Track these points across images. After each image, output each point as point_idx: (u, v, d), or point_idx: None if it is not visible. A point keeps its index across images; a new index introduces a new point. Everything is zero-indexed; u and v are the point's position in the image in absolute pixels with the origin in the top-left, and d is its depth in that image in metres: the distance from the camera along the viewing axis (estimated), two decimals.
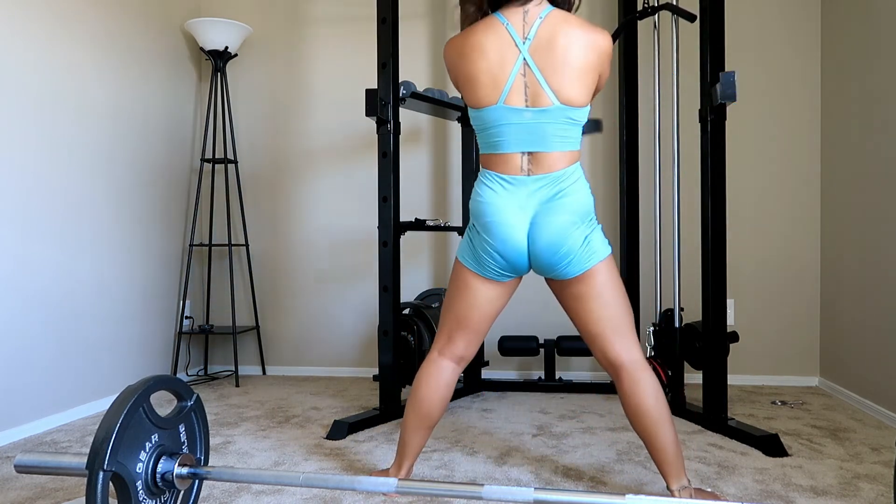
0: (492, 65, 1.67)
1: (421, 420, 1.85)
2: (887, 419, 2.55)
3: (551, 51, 1.64)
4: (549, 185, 1.67)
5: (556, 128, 1.67)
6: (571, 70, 1.64)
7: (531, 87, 1.66)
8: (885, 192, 2.60)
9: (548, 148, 1.68)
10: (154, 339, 3.31)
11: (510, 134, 1.68)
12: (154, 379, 1.45)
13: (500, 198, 1.70)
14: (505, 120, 1.68)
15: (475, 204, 1.75)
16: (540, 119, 1.66)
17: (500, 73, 1.66)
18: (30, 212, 2.54)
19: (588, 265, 1.69)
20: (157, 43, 3.34)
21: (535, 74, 1.65)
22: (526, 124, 1.67)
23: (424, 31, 3.57)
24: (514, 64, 1.66)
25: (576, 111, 1.67)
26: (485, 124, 1.72)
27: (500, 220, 1.70)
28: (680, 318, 2.78)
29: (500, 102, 1.67)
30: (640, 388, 1.69)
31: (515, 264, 1.74)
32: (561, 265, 1.69)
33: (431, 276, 3.57)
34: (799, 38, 3.27)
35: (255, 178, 3.72)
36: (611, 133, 3.39)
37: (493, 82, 1.67)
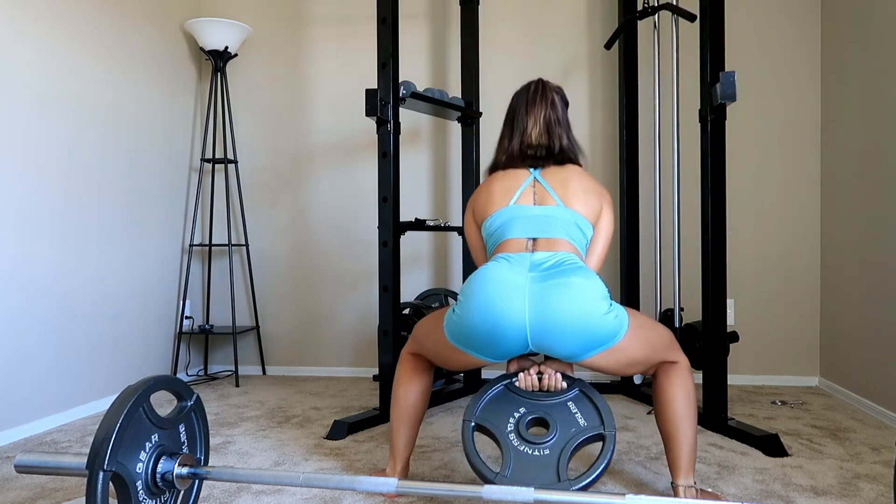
0: (505, 184, 1.82)
1: (404, 416, 1.87)
2: (887, 419, 2.55)
3: (558, 174, 1.81)
4: (553, 259, 1.65)
5: (561, 221, 1.73)
6: (576, 188, 1.78)
7: (539, 195, 1.79)
8: (885, 193, 2.60)
9: (553, 235, 1.71)
10: (154, 339, 3.31)
11: (517, 224, 1.75)
12: (154, 379, 1.45)
13: (498, 265, 1.65)
14: (513, 215, 1.76)
15: (467, 282, 1.66)
16: (546, 213, 1.75)
17: (512, 186, 1.81)
18: (30, 212, 2.54)
19: (622, 331, 1.59)
20: (157, 43, 3.34)
21: (544, 186, 1.79)
22: (533, 216, 1.75)
23: (424, 31, 3.57)
24: (526, 180, 1.81)
25: (580, 218, 1.75)
26: (495, 224, 1.78)
27: (494, 278, 1.60)
28: (680, 318, 2.78)
29: (510, 204, 1.78)
30: (678, 380, 1.71)
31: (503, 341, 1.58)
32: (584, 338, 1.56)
33: (431, 276, 3.57)
34: (799, 38, 3.27)
35: (255, 178, 3.72)
36: (611, 133, 3.39)
37: (505, 194, 1.80)
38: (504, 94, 2.01)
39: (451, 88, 3.47)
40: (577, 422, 1.60)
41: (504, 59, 3.48)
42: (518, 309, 1.55)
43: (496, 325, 1.57)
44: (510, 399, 1.67)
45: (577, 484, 1.48)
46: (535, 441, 1.57)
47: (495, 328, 1.57)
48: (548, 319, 1.54)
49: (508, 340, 1.58)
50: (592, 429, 1.59)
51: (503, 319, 1.56)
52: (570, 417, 1.61)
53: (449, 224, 3.26)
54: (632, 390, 3.00)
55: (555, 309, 1.53)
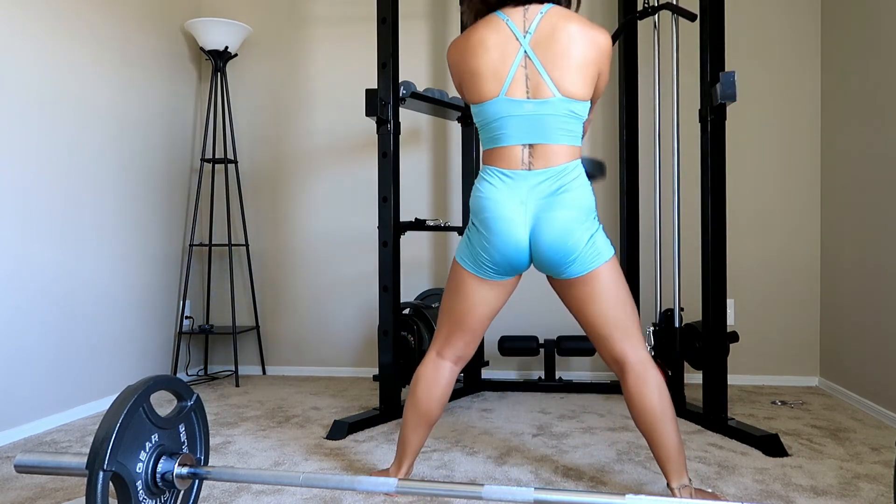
0: (493, 59, 1.68)
1: (420, 419, 1.86)
2: (887, 419, 2.55)
3: (552, 44, 1.65)
4: (550, 179, 1.66)
5: (557, 120, 1.66)
6: (572, 63, 1.65)
7: (532, 79, 1.66)
8: (885, 192, 2.60)
9: (549, 140, 1.67)
10: (154, 339, 3.31)
11: (511, 127, 1.68)
12: (154, 379, 1.45)
13: (499, 192, 1.69)
14: (506, 112, 1.68)
15: (474, 200, 1.74)
16: (541, 111, 1.66)
17: (501, 67, 1.67)
18: (30, 212, 2.54)
19: (593, 265, 1.68)
20: (157, 43, 3.34)
21: (537, 66, 1.66)
22: (527, 116, 1.67)
23: (424, 31, 3.57)
24: (515, 57, 1.67)
25: (577, 104, 1.67)
26: (486, 118, 1.72)
27: (499, 215, 1.68)
28: (680, 318, 2.78)
29: (501, 95, 1.68)
30: (645, 386, 1.69)
31: (514, 262, 1.72)
32: (565, 263, 1.68)
33: (431, 276, 3.57)
34: (799, 38, 3.27)
35: (255, 178, 3.72)
36: (611, 133, 3.40)
37: (494, 76, 1.68)
38: None
39: (451, 88, 3.47)
40: None
41: None
42: (523, 240, 1.69)
43: (510, 251, 1.71)
44: None
45: None
46: None
47: (509, 252, 1.71)
48: (541, 248, 1.69)
49: (517, 259, 1.72)
50: None
51: (515, 247, 1.70)
52: None
53: (449, 224, 3.26)
54: None
55: (545, 240, 1.67)
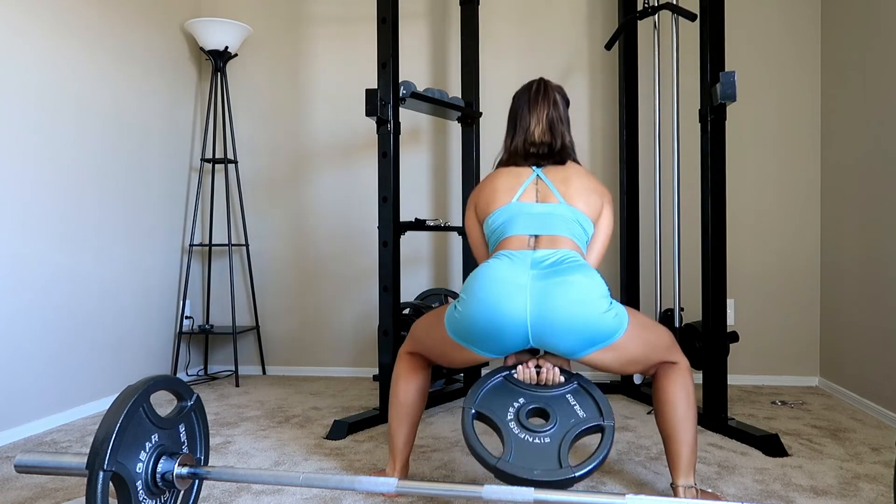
0: (509, 182, 1.84)
1: (403, 416, 1.88)
2: (887, 419, 2.55)
3: (560, 173, 1.84)
4: (555, 256, 1.66)
5: (563, 219, 1.75)
6: (578, 186, 1.81)
7: (541, 192, 1.81)
8: (885, 192, 2.60)
9: (555, 232, 1.73)
10: (154, 339, 3.31)
11: (519, 221, 1.76)
12: (154, 379, 1.45)
13: (500, 263, 1.66)
14: (516, 212, 1.78)
15: (469, 279, 1.68)
16: (548, 210, 1.77)
17: (515, 184, 1.83)
18: (30, 212, 2.54)
19: (621, 329, 1.61)
20: (157, 43, 3.34)
21: (546, 183, 1.81)
22: (535, 214, 1.77)
23: (424, 31, 3.57)
24: (528, 177, 1.83)
25: (581, 215, 1.76)
26: (497, 221, 1.80)
27: (497, 277, 1.61)
28: (680, 318, 2.78)
29: (513, 201, 1.80)
30: (679, 381, 1.72)
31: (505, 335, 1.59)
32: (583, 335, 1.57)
33: (431, 276, 3.57)
34: (799, 38, 3.27)
35: (255, 178, 3.72)
36: (611, 133, 3.39)
37: (508, 191, 1.82)
38: (504, 94, 2.02)
39: (451, 88, 3.47)
40: (577, 413, 1.61)
41: (504, 59, 3.48)
42: (520, 306, 1.57)
43: (498, 322, 1.59)
44: (509, 390, 1.68)
45: (579, 470, 1.48)
46: (535, 430, 1.57)
47: (497, 325, 1.59)
48: (548, 317, 1.56)
49: (510, 336, 1.60)
50: (591, 420, 1.59)
51: (505, 316, 1.58)
52: (570, 409, 1.62)
53: (449, 224, 3.26)
54: (632, 390, 3.00)
55: (555, 306, 1.55)
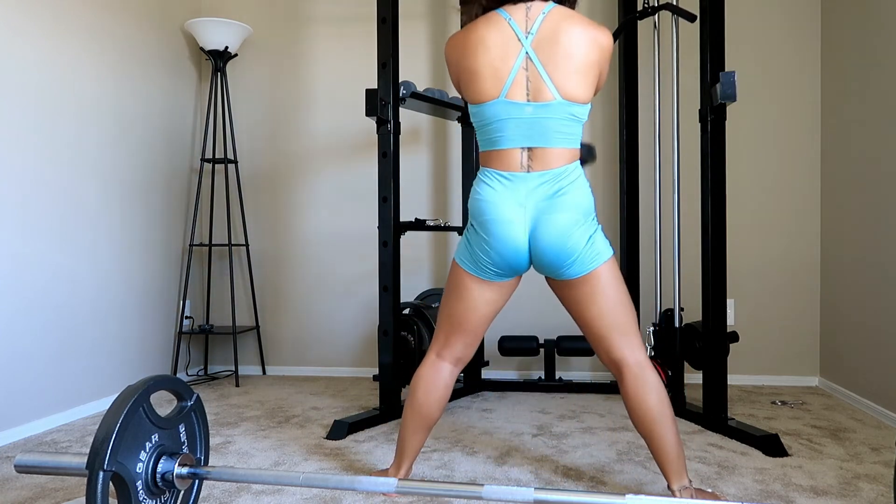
0: (494, 58, 1.65)
1: (419, 421, 1.86)
2: (887, 419, 2.55)
3: (554, 46, 1.63)
4: (549, 181, 1.66)
5: (557, 123, 1.65)
6: (574, 65, 1.63)
7: (533, 82, 1.64)
8: (885, 192, 2.60)
9: (548, 143, 1.66)
10: (154, 339, 3.31)
11: (510, 129, 1.67)
12: (154, 379, 1.45)
13: (498, 195, 1.69)
14: (505, 114, 1.66)
15: (473, 202, 1.74)
16: (541, 114, 1.64)
17: (501, 67, 1.65)
18: (30, 212, 2.54)
19: (592, 266, 1.68)
20: (157, 43, 3.34)
21: (538, 69, 1.64)
22: (527, 119, 1.65)
23: (424, 31, 3.57)
24: (517, 58, 1.65)
25: (578, 107, 1.66)
26: (485, 120, 1.70)
27: (498, 217, 1.68)
28: (680, 318, 2.78)
29: (501, 96, 1.65)
30: (643, 388, 1.68)
31: (514, 263, 1.72)
32: (565, 265, 1.68)
33: (431, 276, 3.57)
34: (799, 38, 3.27)
35: (255, 178, 3.72)
36: (611, 133, 3.40)
37: (494, 76, 1.65)
38: None
39: (451, 88, 3.47)
40: None
41: None
42: (522, 242, 1.69)
43: (508, 255, 1.71)
44: None
45: None
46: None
47: (508, 257, 1.72)
48: (540, 250, 1.69)
49: (517, 262, 1.73)
50: None
51: (513, 250, 1.70)
52: None
53: (449, 224, 3.26)
54: None
55: (545, 243, 1.67)
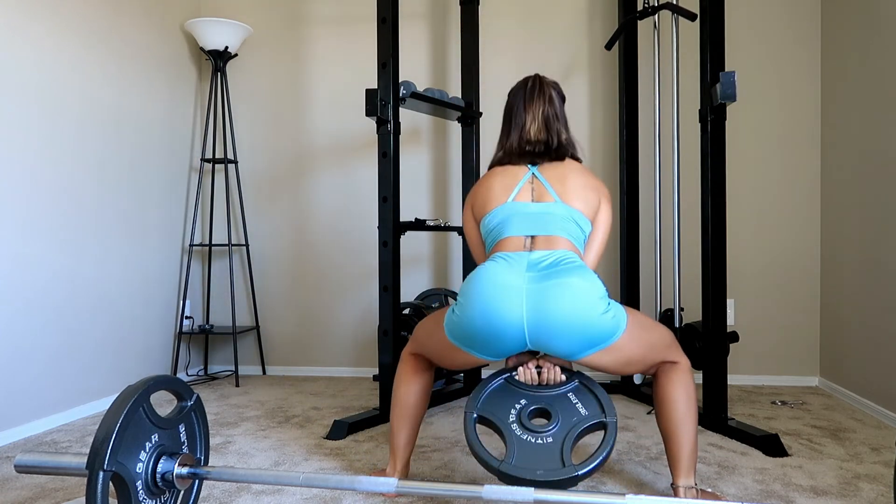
0: (504, 181, 1.82)
1: (404, 417, 1.88)
2: (887, 419, 2.55)
3: (556, 170, 1.81)
4: (551, 258, 1.65)
5: (559, 218, 1.73)
6: (574, 184, 1.78)
7: (537, 191, 1.79)
8: (885, 193, 2.60)
9: (551, 232, 1.71)
10: (154, 339, 3.31)
11: (515, 222, 1.75)
12: (154, 379, 1.45)
13: (496, 265, 1.65)
14: (512, 212, 1.76)
15: (466, 282, 1.67)
16: (544, 209, 1.75)
17: (511, 183, 1.81)
18: (30, 212, 2.54)
19: (618, 332, 1.60)
20: (157, 43, 3.34)
21: (542, 182, 1.79)
22: (531, 213, 1.75)
23: (424, 31, 3.57)
24: (524, 176, 1.81)
25: (578, 214, 1.75)
26: (493, 221, 1.79)
27: (493, 281, 1.60)
28: (680, 318, 2.78)
29: (509, 200, 1.78)
30: (679, 381, 1.71)
31: (502, 340, 1.60)
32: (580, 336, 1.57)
33: (431, 276, 3.57)
34: (799, 38, 3.27)
35: (255, 178, 3.72)
36: (611, 133, 3.39)
37: (504, 191, 1.80)
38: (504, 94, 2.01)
39: (451, 88, 3.47)
40: (579, 411, 1.61)
41: (504, 59, 3.48)
42: (516, 309, 1.57)
43: (495, 326, 1.59)
44: (510, 392, 1.68)
45: (582, 469, 1.48)
46: (537, 430, 1.58)
47: (494, 328, 1.59)
48: (545, 319, 1.56)
49: (507, 340, 1.60)
50: (594, 417, 1.60)
51: (502, 320, 1.58)
52: (571, 407, 1.62)
53: (449, 224, 3.26)
54: (632, 390, 3.00)
55: (552, 309, 1.55)
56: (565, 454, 1.51)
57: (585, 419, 1.59)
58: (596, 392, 1.65)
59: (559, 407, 1.62)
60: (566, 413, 1.60)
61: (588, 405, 1.62)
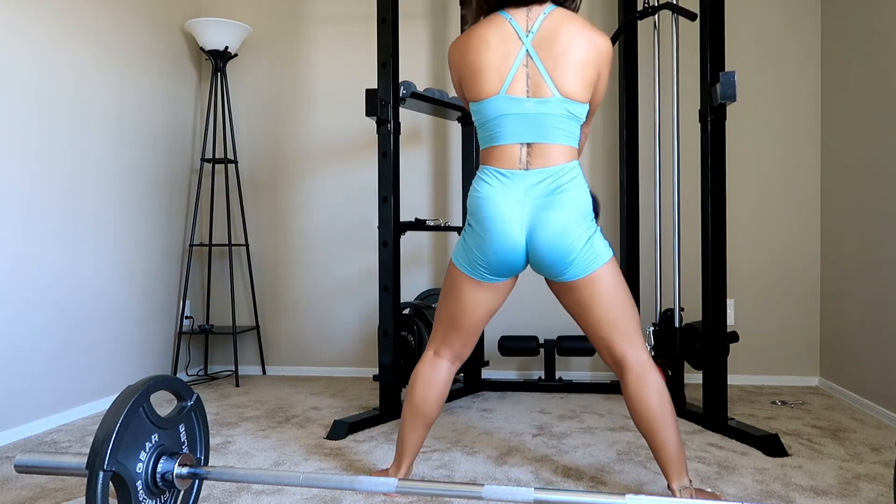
0: (495, 56, 1.69)
1: (418, 419, 1.86)
2: (887, 419, 2.55)
3: (553, 44, 1.66)
4: (548, 179, 1.66)
5: (556, 119, 1.67)
6: (572, 63, 1.66)
7: (533, 79, 1.67)
8: (885, 192, 2.60)
9: (547, 139, 1.67)
10: (154, 339, 3.31)
11: (510, 125, 1.68)
12: (154, 379, 1.45)
13: (496, 192, 1.69)
14: (506, 110, 1.68)
15: (471, 200, 1.74)
16: (540, 109, 1.66)
17: (502, 64, 1.68)
18: (30, 212, 2.54)
19: (591, 268, 1.68)
20: (157, 43, 3.34)
21: (538, 66, 1.66)
22: (526, 115, 1.67)
23: (424, 31, 3.57)
24: (517, 55, 1.68)
25: (576, 105, 1.67)
26: (486, 116, 1.72)
27: (496, 215, 1.68)
28: (680, 318, 2.78)
29: (501, 92, 1.68)
30: (645, 388, 1.69)
31: (510, 263, 1.71)
32: (563, 265, 1.67)
33: (431, 276, 3.57)
34: (799, 38, 3.27)
35: (255, 178, 3.72)
36: (611, 133, 3.40)
37: (496, 73, 1.68)
38: None
39: (451, 88, 3.47)
40: None
41: None
42: (520, 240, 1.69)
43: (504, 253, 1.71)
44: None
45: None
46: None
47: (504, 255, 1.71)
48: (538, 247, 1.68)
49: (514, 261, 1.72)
50: None
51: (510, 248, 1.70)
52: None
53: (449, 224, 3.26)
54: None
55: (543, 240, 1.67)
56: None
57: None
58: None
59: None
60: None
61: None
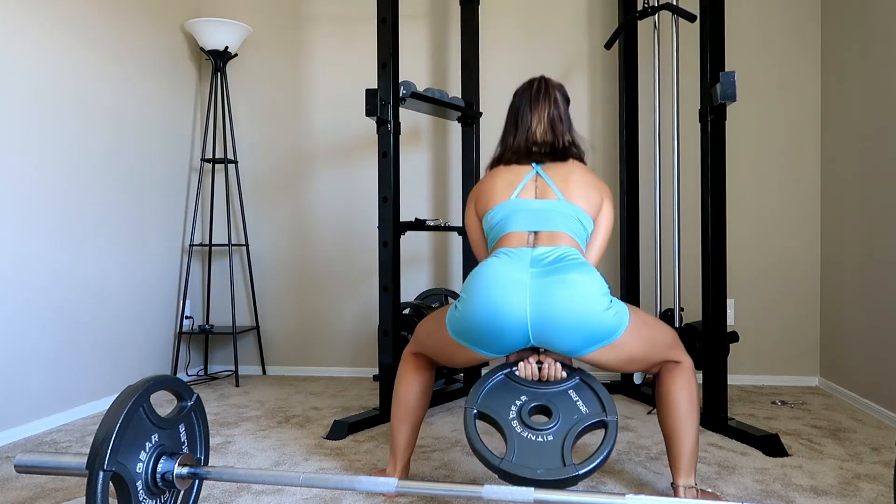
0: (508, 178, 1.84)
1: (405, 415, 1.88)
2: (887, 419, 2.55)
3: (559, 169, 1.83)
4: (554, 253, 1.65)
5: (562, 216, 1.74)
6: (577, 182, 1.80)
7: (540, 189, 1.80)
8: (885, 193, 2.60)
9: (554, 228, 1.72)
10: (154, 339, 3.31)
11: (518, 217, 1.76)
12: (154, 379, 1.45)
13: (499, 261, 1.65)
14: (515, 208, 1.77)
15: (469, 278, 1.68)
16: (547, 206, 1.76)
17: (514, 180, 1.83)
18: (30, 212, 2.54)
19: (620, 329, 1.59)
20: (157, 43, 3.34)
21: (546, 180, 1.81)
22: (534, 210, 1.76)
23: (424, 31, 3.57)
24: (528, 174, 1.83)
25: (581, 212, 1.75)
26: (496, 217, 1.79)
27: (496, 275, 1.60)
28: (680, 318, 2.78)
29: (512, 197, 1.80)
30: (682, 381, 1.71)
31: (506, 334, 1.59)
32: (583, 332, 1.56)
33: (431, 276, 3.57)
34: (799, 38, 3.27)
35: (255, 178, 3.72)
36: (611, 133, 3.39)
37: (508, 186, 1.82)
38: (504, 94, 2.01)
39: (451, 88, 3.47)
40: (580, 409, 1.60)
41: (504, 59, 3.48)
42: (519, 304, 1.57)
43: (499, 321, 1.59)
44: (511, 388, 1.67)
45: (583, 468, 1.48)
46: (538, 427, 1.56)
47: (497, 323, 1.59)
48: (548, 315, 1.56)
49: (510, 335, 1.60)
50: (594, 416, 1.58)
51: (505, 315, 1.58)
52: (572, 405, 1.61)
53: (449, 224, 3.26)
54: (632, 390, 3.00)
55: (555, 305, 1.55)
56: (566, 453, 1.51)
57: (586, 417, 1.58)
58: (597, 390, 1.64)
59: (560, 404, 1.61)
60: (567, 411, 1.59)
61: (589, 403, 1.61)
